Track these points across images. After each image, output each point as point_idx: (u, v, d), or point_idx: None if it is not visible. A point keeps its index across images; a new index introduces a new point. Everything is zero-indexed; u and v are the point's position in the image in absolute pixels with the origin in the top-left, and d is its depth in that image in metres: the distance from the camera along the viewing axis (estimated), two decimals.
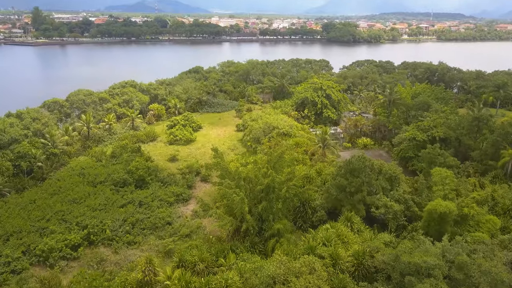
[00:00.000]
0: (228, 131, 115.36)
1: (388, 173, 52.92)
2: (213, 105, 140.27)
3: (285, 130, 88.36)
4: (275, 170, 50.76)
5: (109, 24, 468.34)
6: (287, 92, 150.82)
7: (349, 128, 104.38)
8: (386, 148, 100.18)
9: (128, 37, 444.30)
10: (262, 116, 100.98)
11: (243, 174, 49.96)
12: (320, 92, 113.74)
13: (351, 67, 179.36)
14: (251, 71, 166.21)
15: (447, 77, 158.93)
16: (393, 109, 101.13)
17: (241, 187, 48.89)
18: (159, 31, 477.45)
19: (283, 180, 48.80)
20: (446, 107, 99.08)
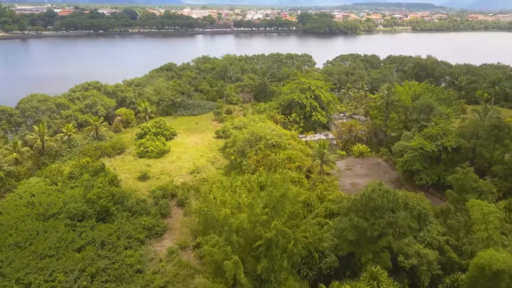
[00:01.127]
0: (207, 138, 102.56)
1: (416, 209, 41.95)
2: (188, 107, 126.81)
3: (274, 141, 76.48)
4: (275, 211, 38.99)
5: (75, 16, 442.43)
6: (269, 91, 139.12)
7: (343, 133, 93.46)
8: (384, 155, 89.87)
9: (95, 30, 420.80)
10: (246, 123, 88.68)
11: (234, 225, 37.58)
12: (309, 93, 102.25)
13: (335, 62, 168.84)
14: (229, 68, 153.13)
15: (436, 72, 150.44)
16: (391, 112, 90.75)
17: (233, 243, 36.78)
18: (129, 23, 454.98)
19: (290, 231, 37.11)
20: (449, 109, 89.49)
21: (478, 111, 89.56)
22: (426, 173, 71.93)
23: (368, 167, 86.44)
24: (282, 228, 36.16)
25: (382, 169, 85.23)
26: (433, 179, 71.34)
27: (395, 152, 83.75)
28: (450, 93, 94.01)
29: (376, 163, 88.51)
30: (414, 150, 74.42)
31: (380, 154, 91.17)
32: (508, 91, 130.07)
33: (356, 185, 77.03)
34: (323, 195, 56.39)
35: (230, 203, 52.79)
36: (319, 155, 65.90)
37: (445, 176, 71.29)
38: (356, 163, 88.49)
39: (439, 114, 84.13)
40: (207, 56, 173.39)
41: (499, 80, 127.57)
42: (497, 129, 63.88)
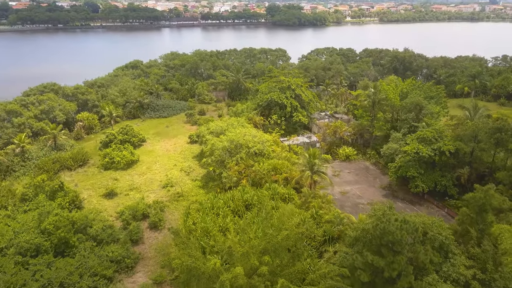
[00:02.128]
0: (180, 144, 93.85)
1: (437, 239, 35.65)
2: (157, 108, 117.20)
3: (257, 149, 68.94)
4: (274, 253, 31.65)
5: (31, 9, 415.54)
6: (244, 88, 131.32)
7: (327, 136, 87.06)
8: (372, 158, 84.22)
9: (54, 24, 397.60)
10: (224, 128, 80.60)
11: (228, 283, 29.44)
12: (289, 93, 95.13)
13: (311, 56, 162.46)
14: (199, 64, 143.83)
15: (414, 65, 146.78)
16: (378, 111, 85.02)
17: None
18: (90, 17, 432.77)
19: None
20: (438, 107, 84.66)
21: (468, 108, 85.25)
22: (421, 179, 66.48)
23: (356, 172, 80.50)
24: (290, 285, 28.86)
25: (371, 174, 79.46)
26: (429, 185, 66.03)
27: (384, 155, 78.27)
28: (438, 90, 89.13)
29: (364, 167, 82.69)
30: (407, 155, 68.90)
31: (367, 157, 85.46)
32: (488, 85, 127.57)
33: (345, 193, 70.86)
34: (319, 216, 49.45)
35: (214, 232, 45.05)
36: (309, 166, 58.92)
37: (442, 182, 66.44)
38: (343, 167, 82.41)
39: (430, 113, 79.01)
40: (176, 52, 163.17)
41: (479, 73, 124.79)
42: (500, 131, 58.74)
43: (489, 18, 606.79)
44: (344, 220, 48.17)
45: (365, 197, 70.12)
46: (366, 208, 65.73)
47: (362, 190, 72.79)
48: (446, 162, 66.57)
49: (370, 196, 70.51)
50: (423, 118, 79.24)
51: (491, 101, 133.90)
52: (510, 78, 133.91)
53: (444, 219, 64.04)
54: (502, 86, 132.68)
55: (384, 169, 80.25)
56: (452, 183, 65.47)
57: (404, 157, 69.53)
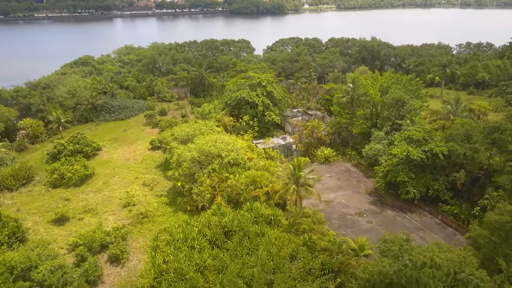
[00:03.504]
0: (140, 151, 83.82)
1: (472, 282, 29.16)
2: (113, 110, 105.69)
3: (232, 158, 60.65)
4: None
5: None
6: (208, 83, 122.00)
7: (304, 136, 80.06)
8: (353, 159, 78.21)
9: None
10: (189, 133, 71.55)
11: None
12: (260, 90, 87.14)
13: (276, 47, 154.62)
14: (157, 59, 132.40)
15: (382, 55, 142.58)
16: (357, 108, 78.85)
17: None
18: (34, 7, 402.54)
19: None
20: (419, 102, 79.69)
21: (449, 102, 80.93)
22: (412, 184, 60.90)
23: (337, 175, 74.17)
24: None
25: (354, 177, 73.39)
26: (421, 191, 60.63)
27: (367, 156, 72.39)
28: (418, 83, 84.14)
29: (345, 170, 76.51)
30: (393, 156, 63.11)
31: (347, 158, 79.40)
32: (457, 73, 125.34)
33: (330, 202, 64.28)
34: (312, 242, 42.12)
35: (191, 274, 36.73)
36: (294, 179, 51.44)
37: (434, 186, 61.23)
38: (323, 171, 75.86)
39: (413, 109, 73.68)
40: (131, 46, 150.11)
41: (449, 62, 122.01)
42: (498, 131, 53.72)
43: (440, 4, 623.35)
44: (343, 246, 41.17)
45: (351, 205, 63.86)
46: (355, 220, 59.52)
47: (347, 197, 66.52)
48: (437, 165, 61.45)
49: (357, 204, 64.32)
50: (406, 114, 73.85)
51: (460, 89, 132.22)
52: (477, 66, 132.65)
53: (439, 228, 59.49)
54: (470, 75, 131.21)
55: (367, 171, 74.48)
56: (445, 187, 60.40)
57: (391, 159, 63.78)
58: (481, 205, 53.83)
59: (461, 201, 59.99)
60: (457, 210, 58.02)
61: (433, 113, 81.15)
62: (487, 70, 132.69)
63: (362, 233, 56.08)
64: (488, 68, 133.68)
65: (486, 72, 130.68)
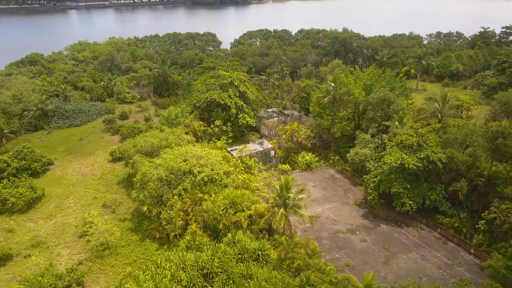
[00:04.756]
0: (99, 164, 73.98)
1: None
2: (67, 115, 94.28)
3: (206, 175, 52.49)
4: None
5: None
6: (173, 82, 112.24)
7: (284, 141, 72.75)
8: (337, 165, 71.75)
9: None
10: (154, 145, 62.62)
11: None
12: (232, 91, 78.93)
13: (244, 40, 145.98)
14: (116, 56, 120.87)
15: (354, 47, 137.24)
16: (340, 109, 72.24)
17: None
18: None
19: None
20: (406, 100, 74.04)
21: (436, 98, 75.92)
22: (408, 195, 55.02)
23: (322, 184, 67.49)
24: None
25: (340, 186, 66.95)
26: (417, 202, 54.84)
27: (353, 162, 66.20)
28: (402, 79, 78.52)
29: (329, 177, 69.96)
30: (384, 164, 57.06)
31: (330, 163, 72.90)
32: (433, 65, 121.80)
33: (317, 218, 57.42)
34: (311, 286, 34.95)
35: None
36: (281, 201, 44.02)
37: (431, 197, 55.68)
38: (306, 179, 69.00)
39: (401, 109, 67.90)
40: (86, 42, 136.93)
41: (424, 54, 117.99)
42: (501, 136, 48.39)
43: None
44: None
45: (341, 220, 57.37)
46: (348, 238, 53.05)
47: (336, 210, 59.99)
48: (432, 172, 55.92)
49: (347, 218, 57.90)
50: (393, 115, 68.03)
51: (435, 81, 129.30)
52: (451, 57, 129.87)
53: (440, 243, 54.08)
54: (444, 66, 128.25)
55: (353, 178, 68.28)
56: (443, 197, 54.96)
57: (382, 166, 57.69)
58: (486, 218, 48.58)
59: (458, 211, 54.83)
60: (458, 222, 52.68)
61: (418, 111, 75.91)
62: (461, 61, 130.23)
63: (358, 255, 49.77)
64: (461, 58, 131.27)
65: (460, 63, 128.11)
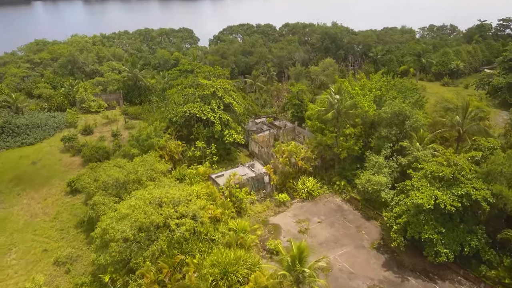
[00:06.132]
0: (54, 198, 60.27)
1: None
2: (18, 131, 79.31)
3: (186, 229, 39.84)
4: None
5: None
6: (145, 86, 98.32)
7: (281, 165, 60.43)
8: (344, 193, 60.11)
9: None
10: (120, 180, 49.41)
11: None
12: (215, 103, 65.95)
13: (225, 36, 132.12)
14: (79, 57, 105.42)
15: (345, 43, 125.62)
16: (345, 124, 60.36)
17: None
18: None
19: None
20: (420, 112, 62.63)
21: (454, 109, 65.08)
22: (442, 242, 43.77)
23: (329, 218, 55.67)
24: None
25: (350, 221, 55.31)
26: (454, 250, 43.69)
27: (365, 191, 54.78)
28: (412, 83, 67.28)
29: (336, 208, 58.21)
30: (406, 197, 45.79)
31: (335, 188, 61.19)
32: (434, 63, 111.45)
33: (329, 271, 45.52)
34: None
35: None
36: (293, 276, 31.93)
37: (471, 243, 44.71)
38: (309, 212, 57.10)
39: (420, 125, 56.65)
40: (44, 40, 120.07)
41: (424, 51, 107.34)
42: None
43: None
44: None
45: (359, 273, 45.77)
46: None
47: (350, 257, 48.36)
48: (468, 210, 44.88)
49: (366, 270, 46.31)
50: (411, 132, 56.74)
51: (433, 80, 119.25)
52: (449, 54, 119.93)
53: None
54: (443, 63, 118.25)
55: (365, 210, 56.87)
56: (485, 241, 44.00)
57: (405, 201, 46.30)
58: None
59: (501, 256, 44.10)
60: (508, 277, 41.79)
61: (434, 125, 64.91)
62: (459, 57, 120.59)
63: None
64: (460, 55, 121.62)
65: (460, 60, 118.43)
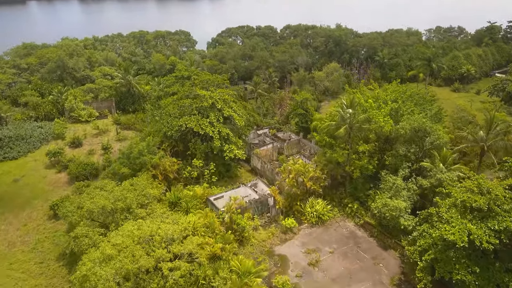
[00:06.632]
0: (35, 224, 54.48)
1: None
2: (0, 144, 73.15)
3: (182, 274, 33.87)
4: None
5: None
6: (139, 94, 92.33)
7: (288, 187, 54.43)
8: (357, 218, 54.27)
9: None
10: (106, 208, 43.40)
11: None
12: (214, 115, 59.99)
13: (224, 39, 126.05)
14: (68, 62, 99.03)
15: (350, 46, 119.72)
16: (358, 141, 54.47)
17: None
18: None
19: None
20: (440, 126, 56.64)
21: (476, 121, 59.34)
22: (477, 284, 37.95)
23: (341, 248, 49.78)
24: None
25: (365, 251, 49.44)
26: None
27: (381, 217, 49.00)
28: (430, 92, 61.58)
29: (349, 235, 52.31)
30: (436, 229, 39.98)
31: (347, 212, 55.33)
32: (445, 68, 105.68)
33: None
34: None
35: None
36: None
37: (509, 284, 39.02)
38: (318, 240, 51.21)
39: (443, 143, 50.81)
40: (33, 44, 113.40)
41: (435, 55, 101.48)
42: None
43: None
44: None
45: None
46: None
47: None
48: None
49: None
50: (433, 151, 50.89)
51: (442, 85, 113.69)
52: (459, 57, 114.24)
53: None
54: (453, 67, 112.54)
55: (382, 238, 51.06)
56: None
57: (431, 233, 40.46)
58: None
59: None
60: None
61: (455, 140, 59.15)
62: (470, 61, 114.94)
63: None
64: (471, 58, 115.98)
65: (470, 64, 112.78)
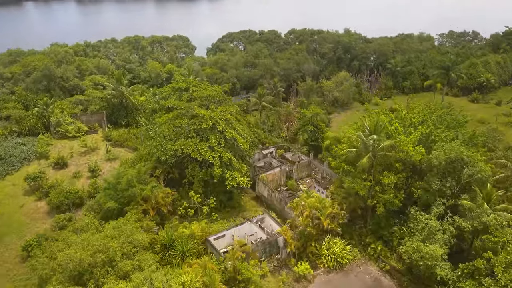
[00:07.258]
0: (5, 269, 46.32)
1: None
2: None
3: None
4: None
5: None
6: (132, 106, 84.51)
7: (302, 225, 46.50)
8: (382, 262, 46.31)
9: None
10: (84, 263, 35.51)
11: None
12: (215, 139, 52.11)
13: (224, 45, 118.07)
14: (56, 70, 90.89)
15: (359, 52, 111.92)
16: (383, 171, 46.59)
17: None
18: None
19: None
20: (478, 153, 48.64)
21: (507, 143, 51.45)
22: None
23: None
24: None
25: None
26: None
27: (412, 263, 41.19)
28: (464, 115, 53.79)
29: (374, 284, 44.38)
30: None
31: (370, 253, 47.46)
32: (464, 78, 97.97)
33: None
34: None
35: None
36: None
37: None
38: None
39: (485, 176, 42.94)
40: (19, 50, 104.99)
41: (453, 63, 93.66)
42: None
43: None
44: None
45: None
46: None
47: None
48: None
49: None
50: (473, 187, 43.06)
51: (459, 95, 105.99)
52: (478, 65, 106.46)
53: None
54: (471, 76, 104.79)
55: (411, 285, 43.13)
56: None
57: None
58: None
59: None
60: None
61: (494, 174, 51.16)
62: (488, 69, 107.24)
63: None
64: (489, 66, 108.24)
65: (490, 72, 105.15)
